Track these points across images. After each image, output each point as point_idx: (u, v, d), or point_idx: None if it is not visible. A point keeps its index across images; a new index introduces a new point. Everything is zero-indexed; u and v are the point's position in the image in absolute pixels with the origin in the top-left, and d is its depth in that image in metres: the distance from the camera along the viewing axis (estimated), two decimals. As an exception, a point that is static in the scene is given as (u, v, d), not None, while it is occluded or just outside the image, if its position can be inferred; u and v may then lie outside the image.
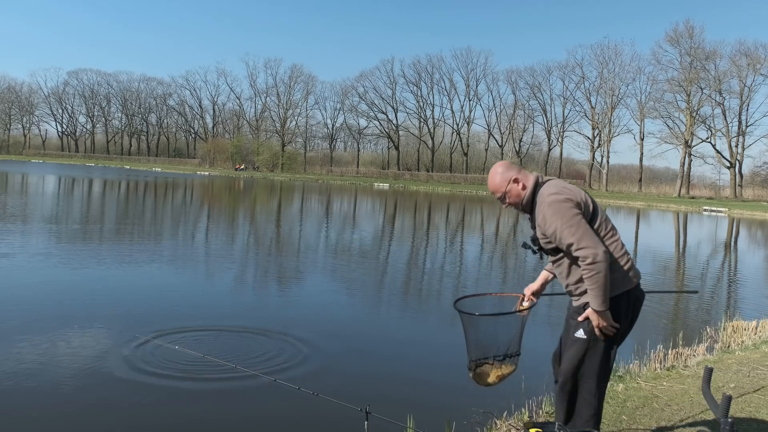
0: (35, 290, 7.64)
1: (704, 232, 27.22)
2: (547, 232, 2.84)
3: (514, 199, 3.01)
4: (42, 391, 4.42)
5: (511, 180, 2.99)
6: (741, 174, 60.86)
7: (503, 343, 3.14)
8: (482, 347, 3.13)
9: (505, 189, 2.99)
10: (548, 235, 2.85)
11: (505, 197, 3.00)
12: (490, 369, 3.13)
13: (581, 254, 2.75)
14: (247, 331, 6.27)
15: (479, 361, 3.13)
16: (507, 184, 2.99)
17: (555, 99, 78.00)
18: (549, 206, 2.81)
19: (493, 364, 3.12)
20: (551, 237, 2.85)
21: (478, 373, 3.13)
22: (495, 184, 3.03)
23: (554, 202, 2.81)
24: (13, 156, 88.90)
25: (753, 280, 12.83)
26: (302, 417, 4.24)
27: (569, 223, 2.76)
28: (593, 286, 2.78)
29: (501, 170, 3.02)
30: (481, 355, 3.13)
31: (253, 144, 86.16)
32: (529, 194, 2.96)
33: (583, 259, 2.75)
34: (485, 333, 3.12)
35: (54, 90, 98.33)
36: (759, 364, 5.32)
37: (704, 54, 60.65)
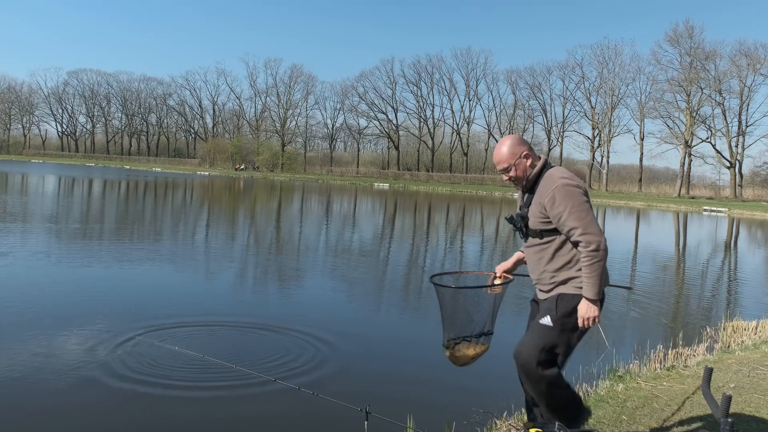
0: (34, 289, 7.63)
1: (704, 232, 27.22)
2: (551, 212, 2.84)
3: (520, 173, 2.99)
4: (37, 391, 4.41)
5: (521, 154, 2.98)
6: (741, 174, 60.86)
7: (478, 321, 3.15)
8: (458, 325, 3.15)
9: (514, 162, 2.98)
10: (552, 215, 2.84)
11: (511, 169, 2.98)
12: (466, 348, 3.15)
13: (586, 239, 2.77)
14: (246, 332, 6.26)
15: (456, 340, 3.15)
16: (516, 158, 2.98)
17: (555, 99, 78.19)
18: (562, 188, 2.81)
19: (470, 341, 3.15)
20: (554, 218, 2.84)
21: (455, 354, 3.15)
22: (502, 155, 3.00)
23: (567, 185, 2.82)
24: (13, 156, 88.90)
25: (753, 280, 12.83)
26: (302, 417, 4.24)
27: (579, 208, 2.79)
28: (592, 274, 2.79)
29: (511, 143, 3.00)
30: (457, 334, 3.15)
31: (253, 144, 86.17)
32: (536, 172, 2.97)
33: (586, 245, 2.77)
34: (461, 310, 3.13)
35: (54, 90, 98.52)
36: (759, 364, 5.32)
37: (704, 54, 60.66)
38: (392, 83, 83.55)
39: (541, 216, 2.90)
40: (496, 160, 3.03)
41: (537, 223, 2.93)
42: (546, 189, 2.88)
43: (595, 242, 2.77)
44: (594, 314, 2.85)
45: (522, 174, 2.99)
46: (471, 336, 3.14)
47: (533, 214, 2.94)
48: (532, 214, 2.94)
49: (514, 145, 3.00)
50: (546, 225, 2.90)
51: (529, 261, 3.11)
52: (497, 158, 3.02)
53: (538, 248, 2.99)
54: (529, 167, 2.99)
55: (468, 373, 4.92)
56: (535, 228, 2.95)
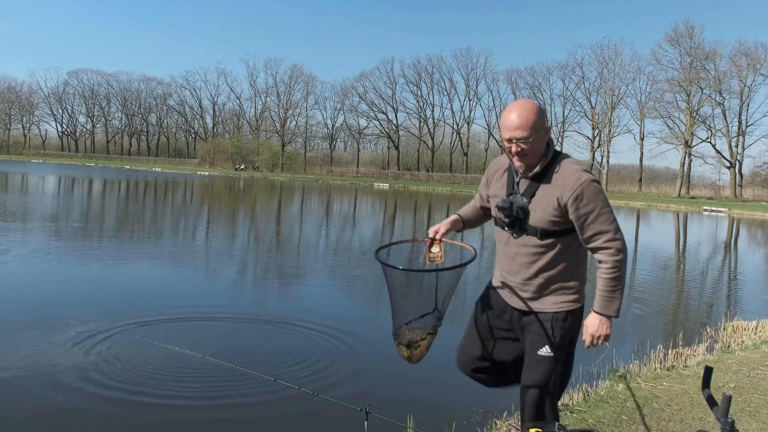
0: (31, 289, 7.63)
1: (704, 232, 27.21)
2: (576, 212, 2.38)
3: (536, 151, 2.43)
4: (33, 391, 4.41)
5: (543, 128, 2.42)
6: (741, 174, 60.86)
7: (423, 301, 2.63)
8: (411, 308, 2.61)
9: (534, 136, 2.39)
10: (576, 215, 2.39)
11: (528, 141, 2.38)
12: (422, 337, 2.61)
13: (616, 246, 2.39)
14: (246, 332, 6.27)
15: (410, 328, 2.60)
16: (539, 130, 2.40)
17: (555, 99, 78.11)
18: (590, 184, 2.37)
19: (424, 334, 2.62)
20: (578, 218, 2.39)
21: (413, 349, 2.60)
22: (526, 120, 2.37)
23: (595, 182, 2.40)
24: (13, 156, 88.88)
25: (753, 280, 12.83)
26: (302, 417, 4.24)
27: (608, 210, 2.40)
28: (618, 287, 2.42)
29: (536, 110, 2.41)
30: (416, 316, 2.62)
31: (253, 144, 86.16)
32: (549, 159, 2.47)
33: (616, 252, 2.38)
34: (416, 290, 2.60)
35: (54, 90, 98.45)
36: (759, 364, 5.32)
37: (704, 54, 60.65)
38: (392, 83, 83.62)
39: (554, 213, 2.42)
40: (517, 124, 2.37)
41: (544, 220, 2.43)
42: (568, 182, 2.38)
43: (624, 250, 2.41)
44: (607, 332, 2.47)
45: (536, 152, 2.43)
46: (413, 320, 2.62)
47: (543, 209, 2.43)
48: (541, 209, 2.44)
49: (539, 115, 2.40)
50: (555, 224, 2.43)
51: (510, 261, 2.59)
52: (519, 122, 2.37)
53: (533, 249, 2.50)
54: (544, 147, 2.47)
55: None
56: (539, 225, 2.45)
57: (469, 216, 2.91)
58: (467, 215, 2.90)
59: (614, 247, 2.39)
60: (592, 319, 2.48)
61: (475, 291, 9.99)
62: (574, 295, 2.56)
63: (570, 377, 2.72)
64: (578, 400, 4.28)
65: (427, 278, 2.57)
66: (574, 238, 2.50)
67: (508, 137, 2.40)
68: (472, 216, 2.92)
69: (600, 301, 2.46)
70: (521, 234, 2.51)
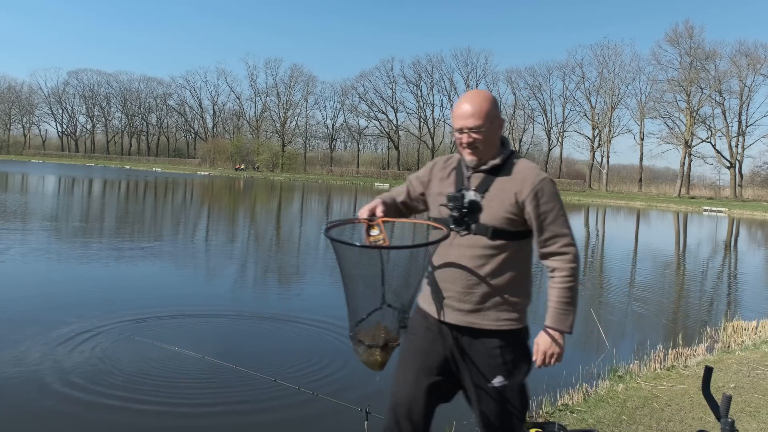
0: (30, 287, 7.62)
1: (704, 232, 27.21)
2: (534, 210, 2.15)
3: (489, 144, 2.20)
4: (26, 391, 4.41)
5: (498, 120, 2.21)
6: (741, 174, 60.89)
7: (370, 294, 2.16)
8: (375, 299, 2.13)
9: (488, 127, 2.17)
10: (533, 213, 2.15)
11: (481, 130, 2.15)
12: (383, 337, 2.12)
13: (573, 252, 2.18)
14: (246, 330, 6.27)
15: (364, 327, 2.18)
16: (494, 120, 2.19)
17: (555, 99, 78.43)
18: (550, 183, 2.18)
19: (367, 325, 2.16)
20: (535, 217, 2.16)
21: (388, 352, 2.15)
22: (479, 108, 2.16)
23: (552, 182, 2.22)
24: (13, 156, 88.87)
25: (753, 280, 12.83)
26: (302, 417, 4.24)
27: (564, 212, 2.20)
28: (573, 299, 2.19)
29: (490, 99, 2.21)
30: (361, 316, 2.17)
31: (253, 144, 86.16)
32: (504, 155, 2.24)
33: (572, 259, 2.17)
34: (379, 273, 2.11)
35: (54, 90, 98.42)
36: (759, 364, 5.32)
37: (704, 54, 60.71)
38: (392, 83, 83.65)
39: (510, 209, 2.16)
40: (470, 112, 2.16)
41: (498, 216, 2.15)
42: (527, 177, 2.17)
43: (579, 260, 2.20)
44: (560, 351, 2.23)
45: (489, 145, 2.20)
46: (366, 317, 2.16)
47: (498, 204, 2.16)
48: (496, 204, 2.16)
49: (494, 105, 2.20)
50: (509, 223, 2.16)
51: (451, 266, 2.23)
52: (472, 110, 2.16)
53: (480, 251, 2.17)
54: (497, 139, 2.24)
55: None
56: (491, 223, 2.16)
57: (391, 201, 2.44)
58: (389, 201, 2.43)
59: (571, 253, 2.17)
60: (544, 335, 2.21)
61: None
62: (521, 313, 2.27)
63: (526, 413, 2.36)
64: (578, 400, 4.28)
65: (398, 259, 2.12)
66: (524, 245, 2.23)
67: (460, 126, 2.18)
68: (391, 208, 2.42)
69: (554, 314, 2.19)
70: (468, 233, 2.18)
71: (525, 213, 2.16)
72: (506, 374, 2.21)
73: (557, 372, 5.12)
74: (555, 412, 4.07)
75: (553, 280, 2.20)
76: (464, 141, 2.19)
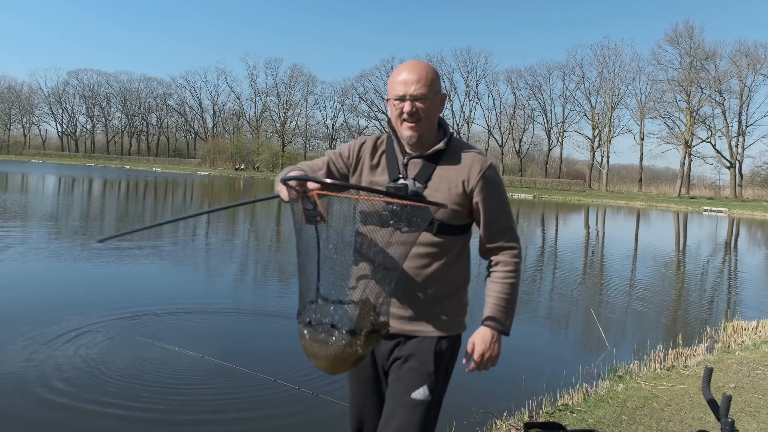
0: (28, 284, 7.62)
1: (704, 232, 27.22)
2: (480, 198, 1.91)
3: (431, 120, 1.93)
4: (23, 389, 4.41)
5: (441, 94, 1.95)
6: (741, 174, 60.90)
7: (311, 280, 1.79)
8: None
9: (432, 97, 1.91)
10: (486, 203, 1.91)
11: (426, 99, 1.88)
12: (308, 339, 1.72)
13: (519, 246, 1.98)
14: (246, 328, 6.27)
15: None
16: (436, 93, 1.92)
17: (555, 99, 78.44)
18: (495, 170, 1.95)
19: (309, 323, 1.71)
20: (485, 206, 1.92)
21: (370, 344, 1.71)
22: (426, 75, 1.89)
23: (497, 172, 1.98)
24: (13, 156, 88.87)
25: (753, 280, 12.83)
26: (302, 417, 4.24)
27: (508, 203, 2.00)
28: (514, 296, 1.96)
29: (435, 70, 1.94)
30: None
31: (253, 144, 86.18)
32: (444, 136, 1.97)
33: (518, 254, 1.97)
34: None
35: (54, 90, 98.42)
36: (759, 364, 5.32)
37: (704, 54, 60.72)
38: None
39: (457, 199, 1.90)
40: (414, 78, 1.87)
41: (445, 210, 1.87)
42: (474, 164, 1.91)
43: (521, 254, 2.00)
44: (498, 354, 1.97)
45: (430, 122, 1.93)
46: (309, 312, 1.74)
47: (443, 195, 1.89)
48: (441, 194, 1.89)
49: (438, 77, 1.94)
50: (455, 216, 1.91)
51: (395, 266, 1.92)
52: (417, 76, 1.87)
53: (423, 249, 1.90)
54: (437, 117, 1.98)
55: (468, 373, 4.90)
56: (438, 218, 1.88)
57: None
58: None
59: (518, 248, 1.97)
60: (484, 334, 1.93)
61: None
62: (461, 317, 2.03)
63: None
64: (578, 400, 4.28)
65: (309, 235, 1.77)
66: (466, 240, 2.01)
67: (402, 93, 1.87)
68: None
69: (496, 310, 1.94)
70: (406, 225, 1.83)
71: (473, 203, 1.92)
72: (432, 387, 1.93)
73: (557, 372, 5.13)
74: (555, 412, 4.07)
75: (496, 275, 1.96)
76: (406, 110, 1.87)
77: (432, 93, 1.90)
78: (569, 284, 11.08)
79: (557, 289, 10.42)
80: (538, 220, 28.92)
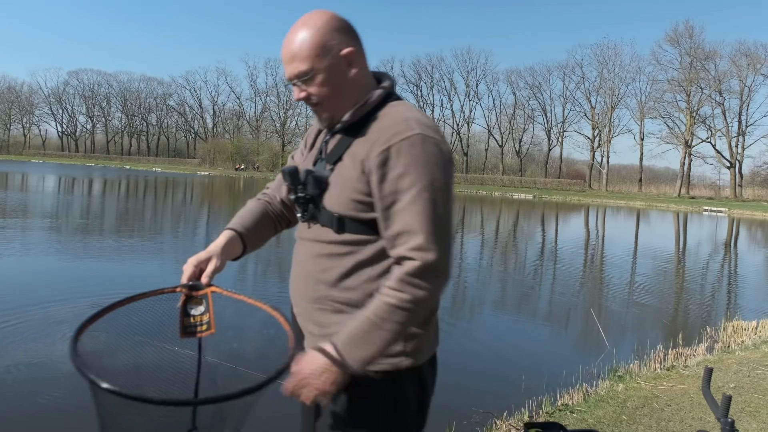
0: (27, 283, 7.63)
1: (704, 232, 27.21)
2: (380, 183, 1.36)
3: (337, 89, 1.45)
4: (23, 389, 4.40)
5: (339, 54, 1.43)
6: (741, 174, 60.90)
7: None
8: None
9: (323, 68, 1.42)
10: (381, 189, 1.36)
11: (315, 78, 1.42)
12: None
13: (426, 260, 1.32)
14: (245, 331, 6.25)
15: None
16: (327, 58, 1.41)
17: (555, 99, 78.46)
18: (419, 144, 1.34)
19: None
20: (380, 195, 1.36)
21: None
22: (303, 44, 1.41)
23: (428, 139, 1.36)
24: (13, 156, 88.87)
25: (753, 280, 12.83)
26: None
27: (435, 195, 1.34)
28: (391, 328, 1.32)
29: (322, 26, 1.43)
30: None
31: (253, 144, 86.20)
32: (374, 101, 1.47)
33: (421, 271, 1.32)
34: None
35: (54, 90, 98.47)
36: (759, 364, 5.32)
37: (704, 54, 60.73)
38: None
39: (357, 186, 1.40)
40: (290, 53, 1.41)
41: (343, 198, 1.42)
42: (383, 134, 1.38)
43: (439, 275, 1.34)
44: (324, 388, 1.36)
45: (338, 93, 1.45)
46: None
47: (344, 182, 1.43)
48: (342, 180, 1.44)
49: (327, 32, 1.43)
50: (359, 207, 1.41)
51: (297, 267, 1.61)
52: (293, 48, 1.41)
53: (326, 249, 1.48)
54: (351, 81, 1.45)
55: (468, 373, 4.91)
56: (334, 209, 1.44)
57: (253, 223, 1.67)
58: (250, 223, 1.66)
59: (421, 261, 1.31)
60: (314, 356, 1.39)
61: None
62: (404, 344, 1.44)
63: None
64: (578, 400, 4.28)
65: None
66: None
67: (287, 77, 1.45)
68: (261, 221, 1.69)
69: (349, 333, 1.34)
70: (310, 218, 1.50)
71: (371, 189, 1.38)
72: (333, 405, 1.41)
73: (557, 372, 5.13)
74: (555, 412, 4.07)
75: (383, 290, 1.35)
76: (294, 97, 1.49)
77: (321, 62, 1.40)
78: (569, 284, 11.08)
79: (557, 289, 10.42)
80: (538, 220, 28.92)
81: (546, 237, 20.88)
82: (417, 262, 1.32)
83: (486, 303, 8.95)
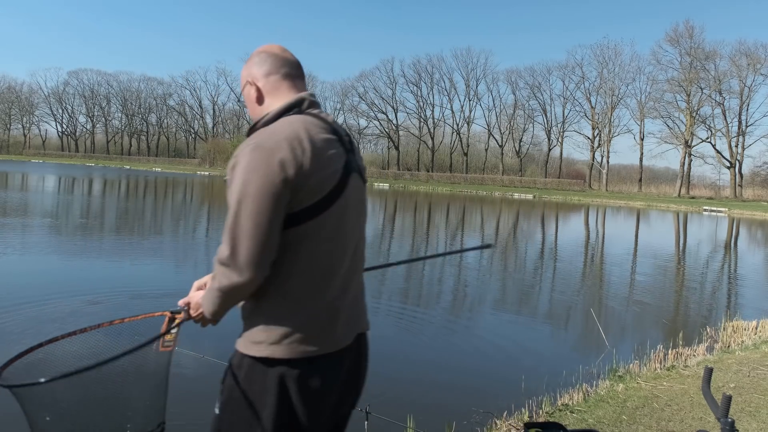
0: (26, 282, 7.63)
1: (704, 232, 27.22)
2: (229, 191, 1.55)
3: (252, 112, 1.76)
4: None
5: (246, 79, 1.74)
6: (741, 174, 60.89)
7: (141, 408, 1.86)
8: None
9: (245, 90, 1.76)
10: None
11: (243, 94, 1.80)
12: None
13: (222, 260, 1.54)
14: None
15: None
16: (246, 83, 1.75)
17: (555, 99, 78.44)
18: (248, 155, 1.49)
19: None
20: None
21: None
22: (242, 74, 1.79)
23: (258, 148, 1.49)
24: (13, 156, 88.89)
25: (753, 280, 12.83)
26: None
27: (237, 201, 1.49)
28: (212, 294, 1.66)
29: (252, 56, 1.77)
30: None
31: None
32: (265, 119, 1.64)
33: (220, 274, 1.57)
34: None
35: (54, 90, 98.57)
36: (759, 364, 5.32)
37: (704, 54, 60.72)
38: (392, 83, 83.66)
39: None
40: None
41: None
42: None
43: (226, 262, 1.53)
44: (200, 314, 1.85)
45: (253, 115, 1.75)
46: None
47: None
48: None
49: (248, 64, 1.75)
50: None
51: None
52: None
53: None
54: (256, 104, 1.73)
55: (468, 373, 4.92)
56: None
57: None
58: None
59: (218, 260, 1.55)
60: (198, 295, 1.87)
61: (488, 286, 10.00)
62: (262, 334, 1.63)
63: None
64: (578, 400, 4.28)
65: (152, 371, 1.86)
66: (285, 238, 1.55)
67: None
68: None
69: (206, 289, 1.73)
70: None
71: None
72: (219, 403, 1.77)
73: (557, 372, 5.13)
74: (555, 412, 4.07)
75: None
76: None
77: (243, 87, 1.77)
78: (569, 284, 11.08)
79: (557, 289, 10.42)
80: (537, 220, 28.92)
81: (546, 237, 20.88)
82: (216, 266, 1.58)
83: (486, 303, 8.95)
